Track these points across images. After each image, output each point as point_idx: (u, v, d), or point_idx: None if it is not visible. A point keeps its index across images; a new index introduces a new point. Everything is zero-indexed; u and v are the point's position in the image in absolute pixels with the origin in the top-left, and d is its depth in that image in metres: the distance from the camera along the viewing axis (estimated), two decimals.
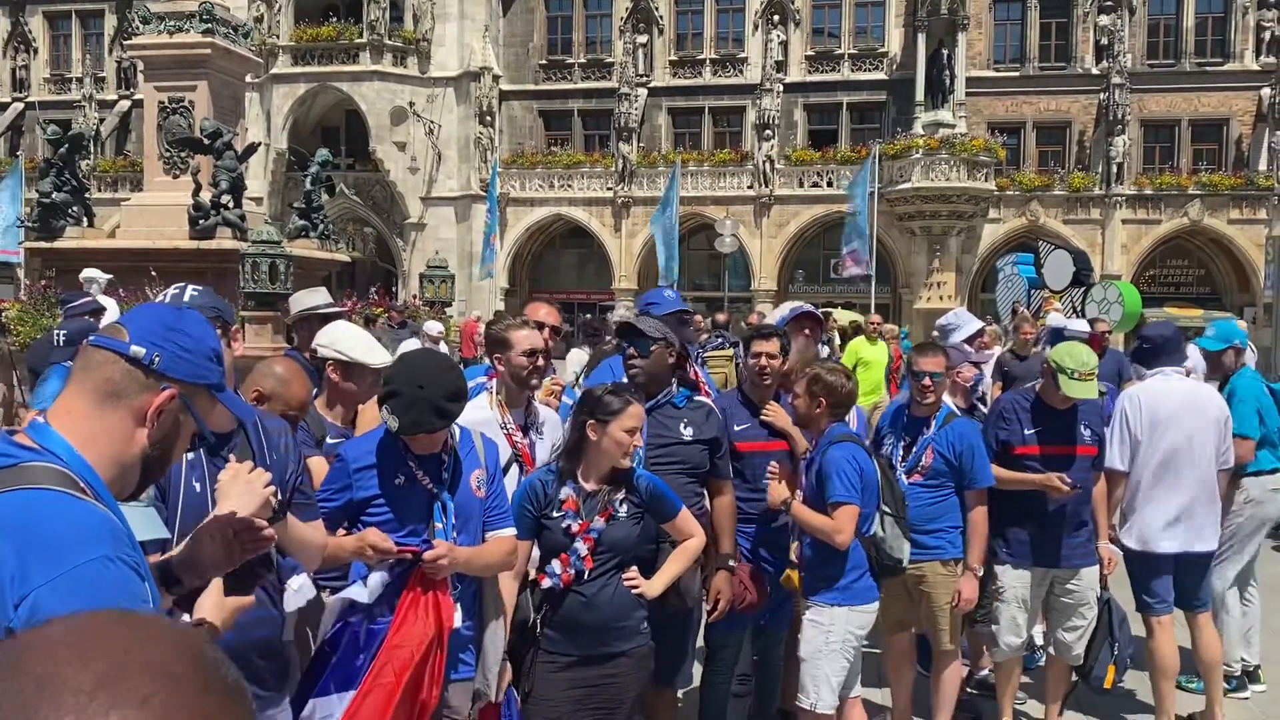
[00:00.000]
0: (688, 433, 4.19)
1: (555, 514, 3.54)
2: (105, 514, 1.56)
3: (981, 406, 6.07)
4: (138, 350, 1.69)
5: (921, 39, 32.93)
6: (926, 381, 4.89)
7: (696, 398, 4.35)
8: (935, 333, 6.30)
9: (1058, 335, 7.28)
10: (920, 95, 32.86)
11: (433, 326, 13.37)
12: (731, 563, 4.26)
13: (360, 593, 3.02)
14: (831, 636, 4.22)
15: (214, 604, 1.81)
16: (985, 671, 5.89)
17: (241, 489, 2.11)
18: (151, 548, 1.99)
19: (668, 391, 4.26)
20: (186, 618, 1.92)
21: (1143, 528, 5.26)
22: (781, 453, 4.58)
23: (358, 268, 32.68)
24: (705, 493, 4.29)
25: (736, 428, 4.58)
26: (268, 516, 2.09)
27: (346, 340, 3.98)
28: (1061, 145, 34.26)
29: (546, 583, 3.51)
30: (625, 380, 4.12)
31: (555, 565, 3.52)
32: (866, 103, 35.46)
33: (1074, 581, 5.10)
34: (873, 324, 13.36)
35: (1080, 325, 8.48)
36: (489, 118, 35.49)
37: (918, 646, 5.21)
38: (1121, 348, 12.46)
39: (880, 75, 35.09)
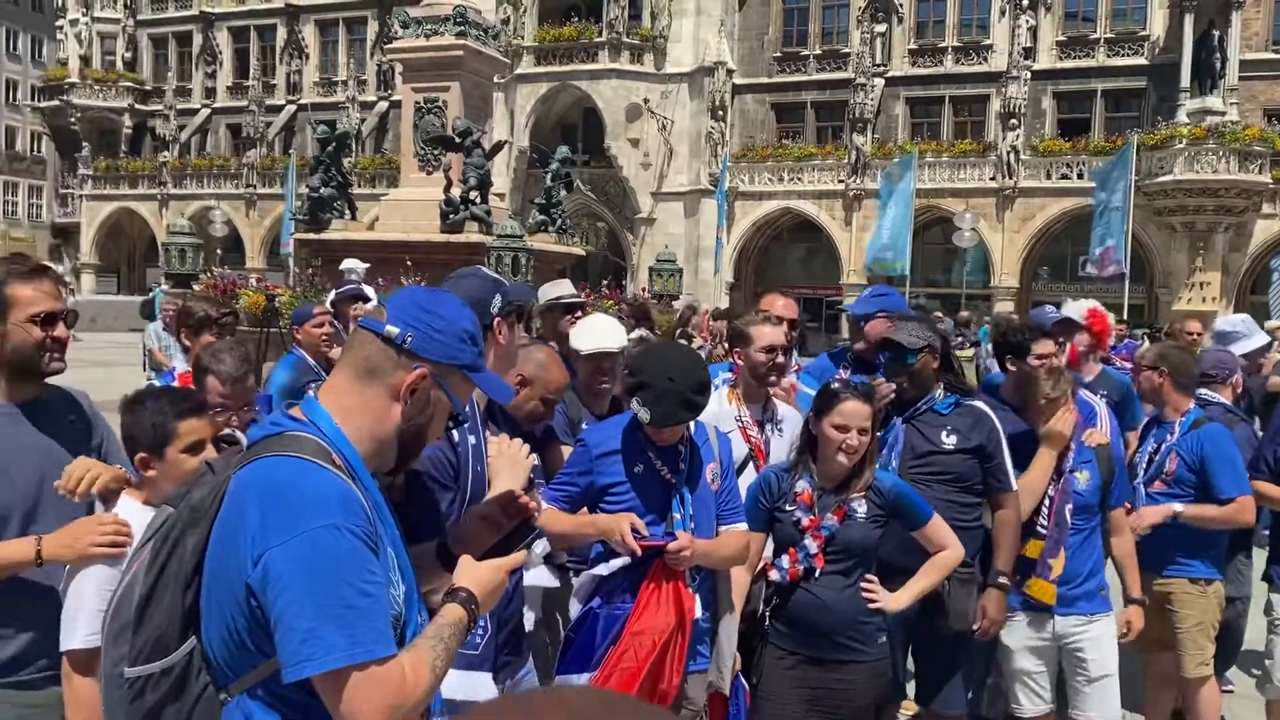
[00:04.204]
0: (949, 441, 3.92)
1: (788, 507, 3.49)
2: (345, 484, 1.66)
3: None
4: (392, 330, 1.78)
5: (1189, 20, 30.45)
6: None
7: (966, 402, 4.04)
8: (1212, 338, 5.78)
9: None
10: (1186, 81, 30.42)
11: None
12: (1003, 580, 3.93)
13: (604, 567, 3.09)
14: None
15: (466, 570, 1.88)
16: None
17: (508, 463, 2.20)
18: None
19: (930, 397, 4.00)
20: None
21: None
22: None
23: (589, 261, 33.66)
24: (982, 504, 3.99)
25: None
26: (525, 486, 2.16)
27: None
28: None
29: (774, 575, 3.48)
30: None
31: (784, 559, 3.48)
32: (1124, 89, 33.22)
33: None
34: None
35: None
36: (721, 112, 35.65)
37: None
38: None
39: (1140, 60, 32.76)
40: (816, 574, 3.44)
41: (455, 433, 2.52)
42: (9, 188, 60.62)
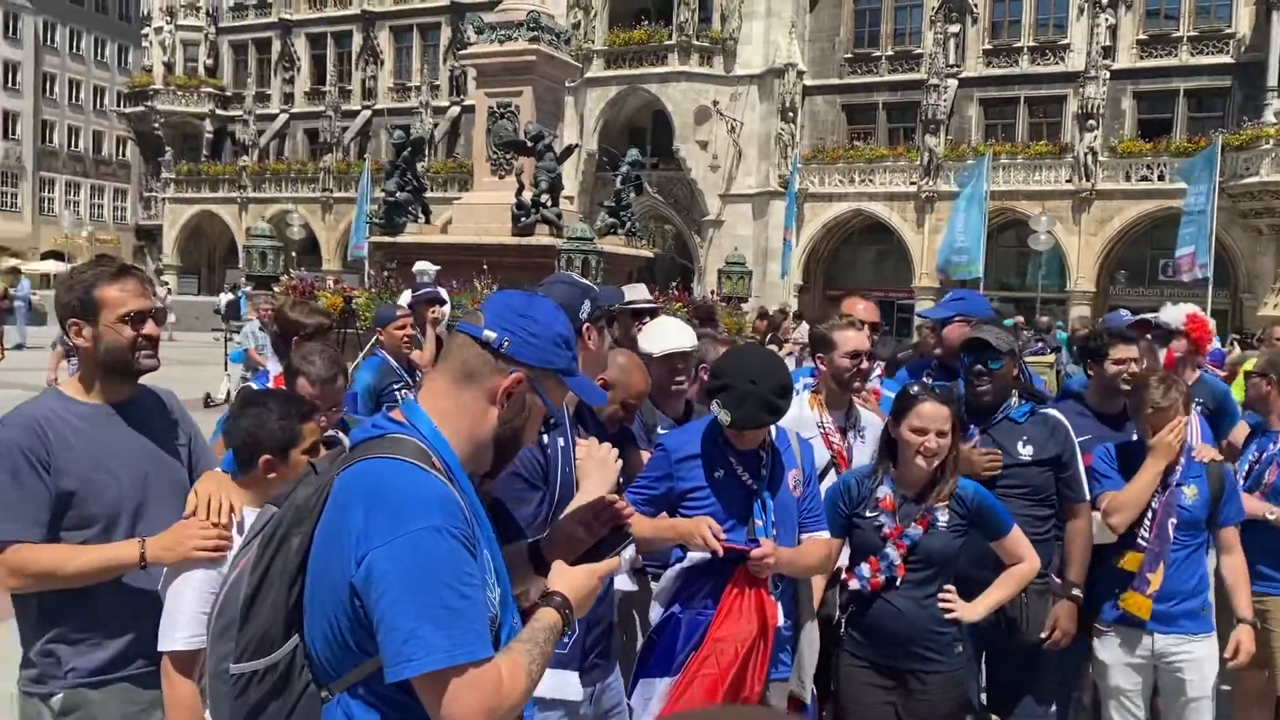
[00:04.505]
0: (1026, 452, 3.86)
1: (869, 513, 3.45)
2: (445, 487, 1.68)
3: None
4: (489, 334, 1.80)
5: (1276, 17, 29.51)
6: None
7: (1041, 410, 3.97)
8: None
9: None
10: (1273, 79, 29.46)
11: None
12: (1076, 592, 3.87)
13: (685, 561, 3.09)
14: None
15: (560, 575, 1.89)
16: None
17: (597, 466, 2.21)
18: None
19: (1006, 406, 3.93)
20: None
21: None
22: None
23: (656, 264, 33.70)
24: (1055, 515, 3.92)
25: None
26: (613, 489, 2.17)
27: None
28: None
29: (854, 584, 3.44)
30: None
31: (864, 568, 3.43)
32: (1207, 89, 32.29)
33: None
34: None
35: None
36: (791, 114, 35.44)
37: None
38: None
39: (1225, 59, 31.81)
40: (897, 583, 3.40)
41: (545, 435, 2.55)
42: (96, 191, 62.69)
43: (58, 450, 2.57)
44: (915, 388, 3.50)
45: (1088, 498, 3.88)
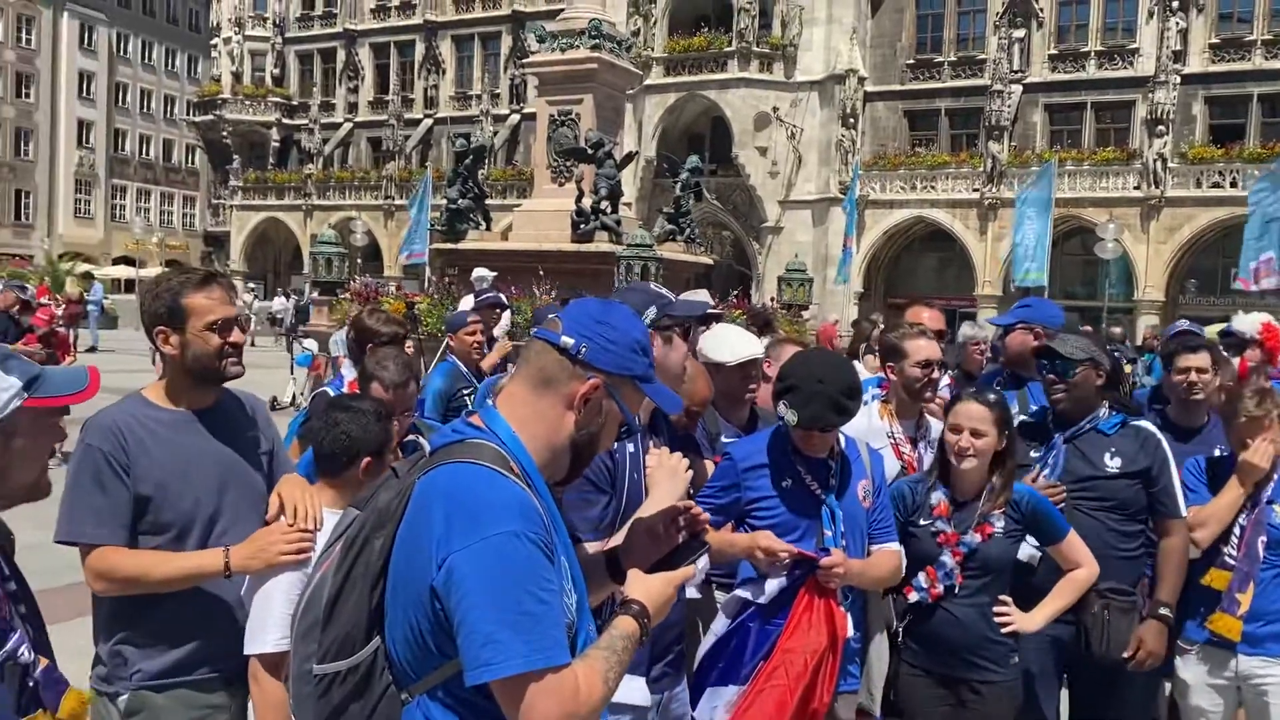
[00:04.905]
0: (1113, 464, 3.73)
1: (923, 520, 3.41)
2: (524, 492, 1.69)
3: None
4: (567, 340, 1.81)
5: None
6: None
7: (1133, 422, 3.84)
8: None
9: None
10: None
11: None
12: (1164, 611, 3.71)
13: (756, 593, 3.06)
14: None
15: (637, 583, 1.89)
16: None
17: (667, 474, 2.20)
18: None
19: (1093, 417, 3.81)
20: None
21: None
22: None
23: (714, 270, 33.62)
24: (1145, 532, 3.80)
25: None
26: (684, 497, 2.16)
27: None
28: None
29: (914, 596, 3.40)
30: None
31: (922, 578, 3.39)
32: None
33: None
34: None
35: None
36: (852, 120, 35.18)
37: None
38: None
39: None
40: (956, 590, 3.36)
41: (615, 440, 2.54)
42: (166, 198, 64.31)
43: (135, 455, 2.61)
44: (967, 391, 3.48)
45: (1183, 514, 3.74)
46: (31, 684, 1.84)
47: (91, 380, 1.93)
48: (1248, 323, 5.27)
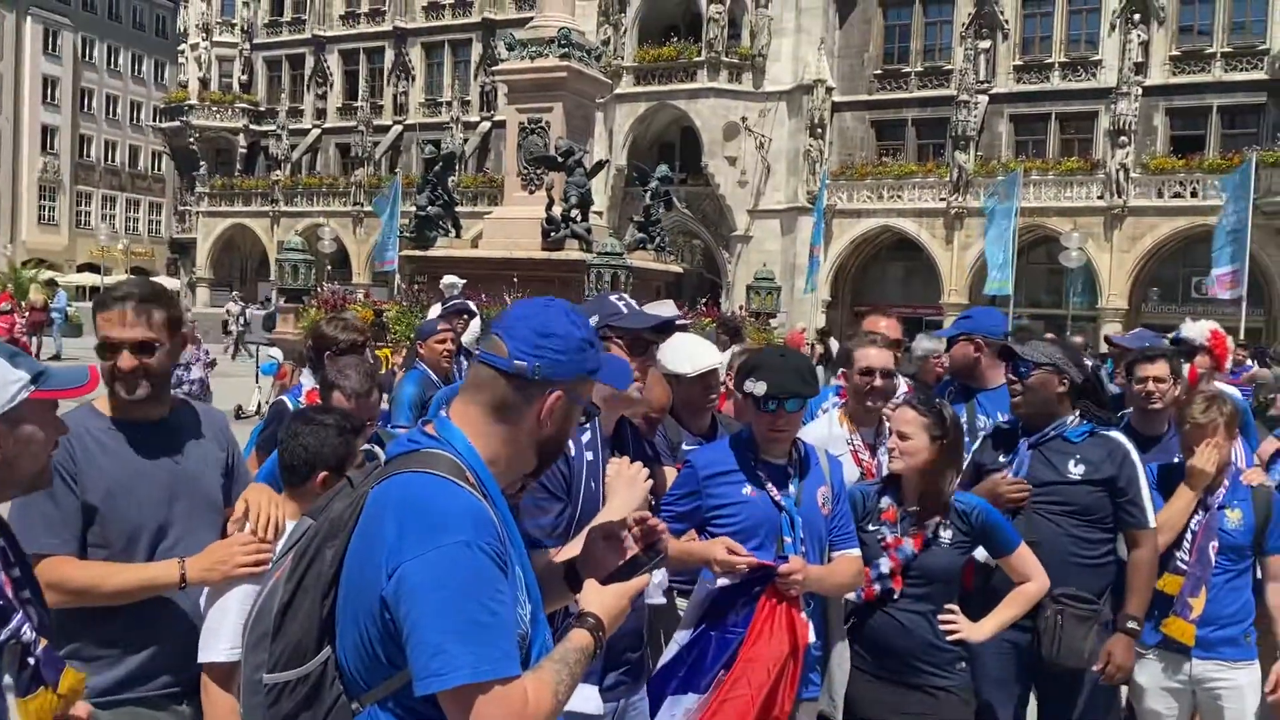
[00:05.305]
0: (1076, 471, 3.72)
1: (871, 526, 3.45)
2: (478, 502, 1.69)
3: None
4: (520, 364, 1.79)
5: None
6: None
7: (1104, 432, 3.81)
8: None
9: None
10: None
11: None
12: (1132, 625, 3.70)
13: (713, 584, 3.08)
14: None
15: (592, 595, 1.89)
16: None
17: (626, 483, 2.21)
18: None
19: (1060, 424, 3.79)
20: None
21: None
22: None
23: (684, 279, 33.73)
24: (1113, 541, 3.79)
25: None
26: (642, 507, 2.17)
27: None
28: None
29: (849, 595, 3.42)
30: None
31: None
32: (1241, 105, 32.05)
33: None
34: None
35: None
36: (819, 130, 35.41)
37: None
38: None
39: (1259, 75, 31.54)
40: (896, 595, 3.38)
41: (571, 445, 2.55)
42: (131, 204, 63.62)
43: (84, 465, 2.57)
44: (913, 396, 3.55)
45: (1152, 525, 3.73)
46: (33, 662, 1.87)
47: (92, 377, 2.03)
48: (1196, 330, 5.36)
